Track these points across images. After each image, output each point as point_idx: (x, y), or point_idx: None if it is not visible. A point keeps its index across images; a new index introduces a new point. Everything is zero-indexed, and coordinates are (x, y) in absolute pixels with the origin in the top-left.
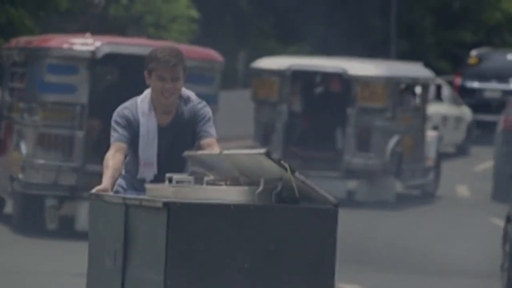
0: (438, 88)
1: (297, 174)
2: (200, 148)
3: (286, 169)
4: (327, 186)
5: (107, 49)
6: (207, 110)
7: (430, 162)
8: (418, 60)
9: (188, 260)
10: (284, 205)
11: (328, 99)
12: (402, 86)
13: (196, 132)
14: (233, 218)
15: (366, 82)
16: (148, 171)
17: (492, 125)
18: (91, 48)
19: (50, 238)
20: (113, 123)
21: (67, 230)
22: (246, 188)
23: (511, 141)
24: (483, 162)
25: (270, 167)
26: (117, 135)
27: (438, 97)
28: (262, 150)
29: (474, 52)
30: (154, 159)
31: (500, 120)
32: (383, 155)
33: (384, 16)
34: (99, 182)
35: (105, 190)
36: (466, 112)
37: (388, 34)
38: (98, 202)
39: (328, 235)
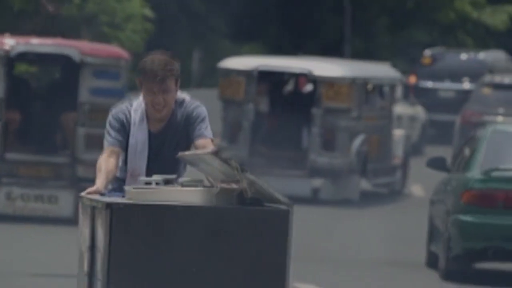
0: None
1: (247, 174)
2: (196, 148)
3: (236, 169)
4: (292, 185)
5: (21, 48)
6: (201, 111)
7: (397, 161)
8: (372, 59)
9: (131, 263)
10: (234, 207)
11: (294, 99)
12: (369, 86)
13: (190, 134)
14: (180, 220)
15: (331, 82)
16: (134, 182)
17: (446, 124)
18: (6, 47)
19: None
20: (107, 125)
21: None
22: (203, 189)
23: (468, 134)
24: None
25: (227, 167)
26: (110, 139)
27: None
28: (210, 150)
29: (428, 52)
30: (142, 170)
31: (459, 116)
32: (348, 154)
33: (338, 16)
34: (21, 169)
35: (96, 191)
36: (420, 111)
37: (343, 34)
38: (81, 204)
39: (280, 237)
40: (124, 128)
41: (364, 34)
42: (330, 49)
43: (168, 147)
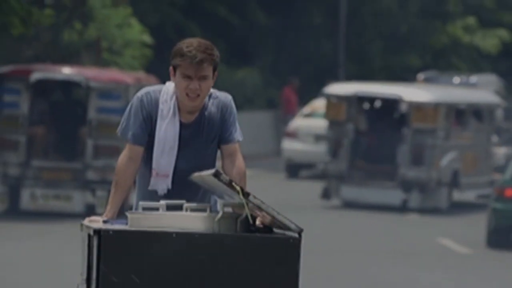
0: None
1: (251, 197)
2: (221, 153)
3: (238, 192)
4: (385, 195)
5: (39, 76)
6: (233, 106)
7: (497, 176)
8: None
9: None
10: (236, 234)
11: (388, 120)
12: (460, 108)
13: (221, 132)
14: (176, 248)
15: (419, 106)
16: (161, 183)
17: None
18: (28, 75)
19: None
20: (131, 111)
21: None
22: (205, 214)
23: None
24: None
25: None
26: (134, 132)
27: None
28: (211, 171)
29: (421, 76)
30: (170, 170)
31: None
32: (436, 168)
33: (333, 41)
34: (43, 173)
35: (95, 220)
36: None
37: (337, 58)
38: (80, 232)
39: (288, 267)
40: (150, 120)
41: (358, 59)
42: (325, 73)
43: (201, 141)
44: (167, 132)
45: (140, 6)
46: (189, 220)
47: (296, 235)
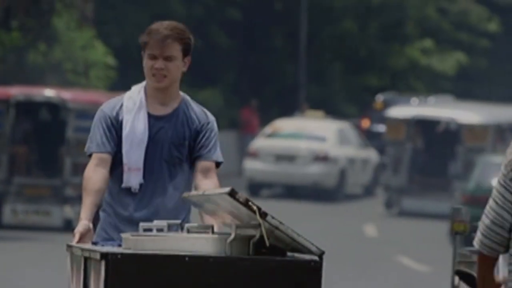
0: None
1: (269, 218)
2: (196, 169)
3: (254, 212)
4: (440, 206)
5: (20, 98)
6: (216, 127)
7: None
8: (326, 104)
9: None
10: (253, 257)
11: (441, 139)
12: (503, 127)
13: (196, 145)
14: (189, 272)
15: (470, 127)
16: (134, 177)
17: None
18: (8, 97)
19: None
20: (93, 123)
21: None
22: (216, 236)
23: None
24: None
25: (246, 210)
26: (95, 143)
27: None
28: (227, 189)
29: (380, 97)
30: (141, 163)
31: None
32: None
33: (294, 62)
34: (25, 189)
35: (84, 231)
36: (372, 154)
37: (298, 80)
38: (70, 254)
39: None
40: (113, 126)
41: (319, 80)
42: (286, 94)
43: (172, 140)
44: (134, 125)
45: (104, 28)
46: (199, 242)
47: (317, 258)
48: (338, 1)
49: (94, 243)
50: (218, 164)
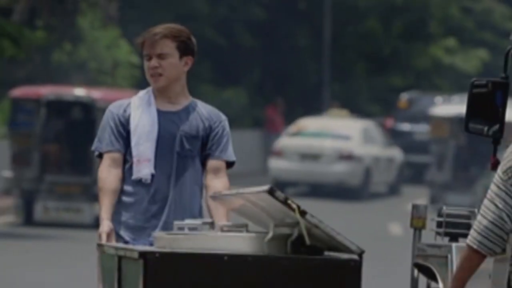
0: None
1: (308, 216)
2: (206, 168)
3: (293, 210)
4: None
5: (51, 97)
6: (227, 126)
7: None
8: (350, 102)
9: None
10: (293, 256)
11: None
12: None
13: (208, 142)
14: (228, 271)
15: (509, 124)
16: (144, 168)
17: (422, 165)
18: (40, 96)
19: None
20: (100, 126)
21: None
22: (253, 235)
23: None
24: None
25: (285, 208)
26: (104, 143)
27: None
28: (266, 187)
29: (404, 96)
30: (151, 154)
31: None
32: None
33: (318, 61)
34: (57, 187)
35: (109, 231)
36: (397, 153)
37: (322, 78)
38: (100, 254)
39: None
40: (120, 125)
41: (343, 79)
42: (310, 93)
43: (183, 132)
44: (142, 118)
45: (129, 27)
46: (235, 240)
47: (357, 257)
48: (362, 0)
49: (126, 242)
50: (230, 164)
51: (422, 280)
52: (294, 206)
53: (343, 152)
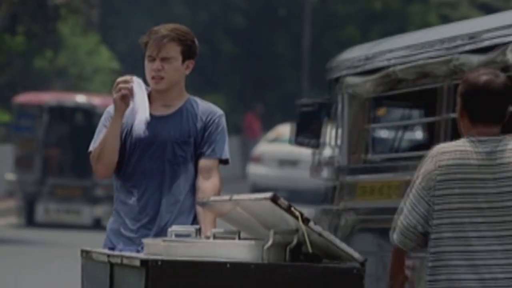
0: None
1: (311, 224)
2: (198, 168)
3: (296, 218)
4: None
5: (52, 103)
6: (223, 122)
7: None
8: None
9: None
10: (295, 264)
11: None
12: None
13: (201, 142)
14: (230, 279)
15: None
16: (140, 114)
17: None
18: (42, 103)
19: None
20: (98, 127)
21: None
22: (252, 242)
23: None
24: None
25: (285, 215)
26: (98, 142)
27: None
28: (268, 195)
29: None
30: (146, 110)
31: None
32: None
33: (297, 68)
34: (58, 190)
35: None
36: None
37: (300, 85)
38: (87, 260)
39: None
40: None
41: (321, 86)
42: (289, 99)
43: (175, 138)
44: (135, 117)
45: (109, 33)
46: (234, 248)
47: (359, 265)
48: (341, 8)
49: (111, 249)
50: (225, 161)
51: None
52: (297, 213)
53: (321, 158)
